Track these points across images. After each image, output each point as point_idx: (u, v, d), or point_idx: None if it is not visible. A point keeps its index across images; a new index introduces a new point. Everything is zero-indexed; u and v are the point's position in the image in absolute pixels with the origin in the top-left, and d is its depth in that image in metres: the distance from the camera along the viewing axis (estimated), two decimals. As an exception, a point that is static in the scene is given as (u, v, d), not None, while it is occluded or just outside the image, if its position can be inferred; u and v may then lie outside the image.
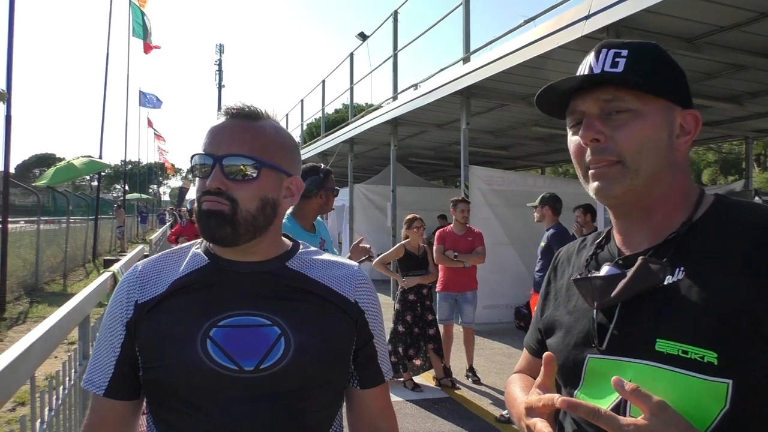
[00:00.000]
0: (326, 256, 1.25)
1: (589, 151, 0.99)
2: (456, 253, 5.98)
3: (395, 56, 10.39)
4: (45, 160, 61.25)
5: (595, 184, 0.99)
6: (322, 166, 3.25)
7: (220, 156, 1.09)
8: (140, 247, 7.25)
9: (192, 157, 1.13)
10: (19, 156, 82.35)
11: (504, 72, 6.34)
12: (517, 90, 7.44)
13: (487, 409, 5.15)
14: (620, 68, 0.98)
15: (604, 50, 1.01)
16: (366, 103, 22.64)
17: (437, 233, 6.26)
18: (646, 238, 1.01)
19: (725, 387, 0.82)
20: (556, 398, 0.87)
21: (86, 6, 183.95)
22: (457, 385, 5.78)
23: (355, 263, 1.28)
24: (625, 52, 0.99)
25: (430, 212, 11.30)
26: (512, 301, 8.44)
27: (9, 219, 9.39)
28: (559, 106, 1.07)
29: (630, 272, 0.96)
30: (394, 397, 5.39)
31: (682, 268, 0.93)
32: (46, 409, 1.91)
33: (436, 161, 14.44)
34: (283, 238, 1.24)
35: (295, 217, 3.12)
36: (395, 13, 10.23)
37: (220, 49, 58.20)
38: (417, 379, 5.83)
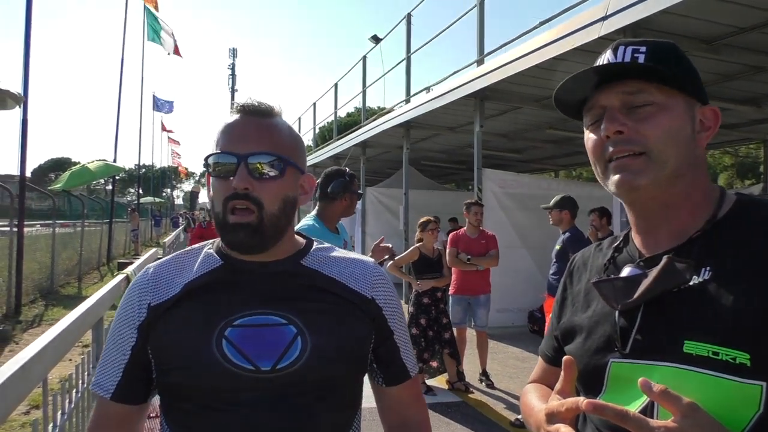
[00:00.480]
0: (341, 253, 1.23)
1: (609, 144, 0.97)
2: (469, 256, 5.93)
3: (408, 59, 10.37)
4: (61, 165, 61.90)
5: (617, 176, 0.96)
6: (347, 170, 3.27)
7: (245, 154, 1.05)
8: (154, 250, 7.29)
9: (208, 157, 1.09)
10: (35, 160, 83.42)
11: (518, 74, 6.30)
12: (531, 92, 7.39)
13: (501, 414, 5.10)
14: (641, 62, 0.96)
15: (622, 47, 0.99)
16: (378, 107, 22.68)
17: (450, 236, 6.22)
18: (667, 238, 0.98)
19: (759, 389, 0.79)
20: (581, 401, 0.83)
21: (102, 10, 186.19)
22: (471, 389, 5.73)
23: (370, 259, 1.25)
24: (643, 48, 0.97)
25: (443, 215, 11.26)
26: (525, 305, 8.37)
27: (25, 222, 9.47)
28: (575, 105, 1.05)
29: (654, 272, 0.93)
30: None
31: (708, 268, 0.90)
32: (59, 413, 1.90)
33: (448, 164, 14.39)
34: (296, 236, 1.22)
35: (322, 219, 3.16)
36: (408, 16, 10.22)
37: (233, 53, 58.58)
38: (430, 382, 5.79)
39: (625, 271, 0.98)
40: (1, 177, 11.42)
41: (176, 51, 21.34)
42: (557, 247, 5.19)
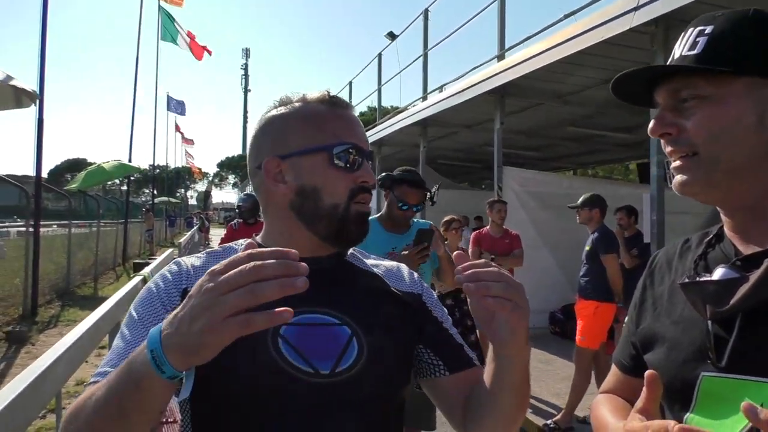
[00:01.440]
0: (375, 258, 1.19)
1: (665, 143, 0.91)
2: (493, 256, 5.77)
3: (425, 55, 10.23)
4: (76, 166, 62.51)
5: (677, 178, 0.90)
6: (414, 173, 3.15)
7: (369, 151, 1.07)
8: (170, 250, 7.21)
9: (337, 145, 1.03)
10: (51, 161, 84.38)
11: (541, 69, 6.11)
12: (554, 88, 7.21)
13: (528, 418, 4.93)
14: (698, 49, 0.86)
15: (690, 29, 0.90)
16: (391, 106, 22.47)
17: (473, 235, 6.06)
18: None
19: None
20: (672, 425, 0.70)
21: (118, 9, 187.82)
22: (495, 393, 5.56)
23: (402, 264, 1.22)
24: (709, 29, 0.87)
25: (459, 214, 11.10)
26: (546, 306, 8.18)
27: (41, 223, 9.44)
28: (646, 93, 0.96)
29: (754, 276, 0.79)
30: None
31: None
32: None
33: (464, 163, 14.22)
34: None
35: (379, 219, 3.09)
36: (426, 12, 10.07)
37: (246, 53, 58.85)
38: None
39: (718, 273, 0.85)
40: (19, 178, 11.40)
41: (198, 51, 21.12)
42: (587, 248, 5.01)
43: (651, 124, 0.91)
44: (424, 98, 10.16)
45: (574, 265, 5.54)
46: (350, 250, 1.15)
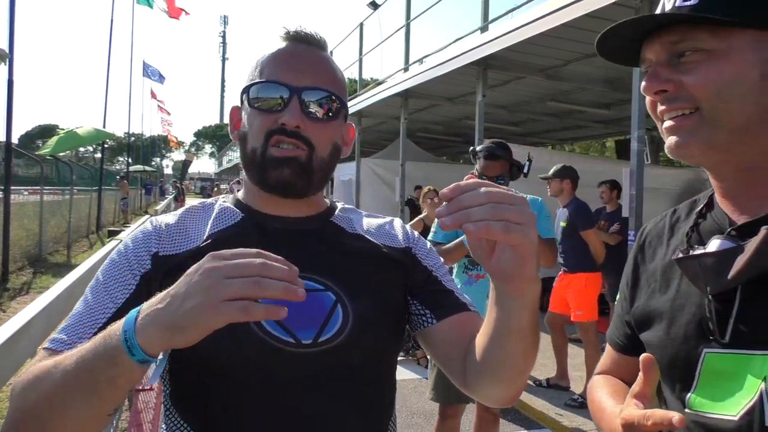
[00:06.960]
0: (365, 213, 1.12)
1: (659, 102, 0.84)
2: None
3: (408, 25, 10.09)
4: (48, 131, 60.77)
5: (671, 139, 0.83)
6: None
7: (300, 88, 0.92)
8: (145, 217, 7.09)
9: (249, 87, 0.94)
10: (22, 127, 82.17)
11: (524, 42, 6.07)
12: (537, 62, 7.17)
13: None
14: (689, 3, 0.79)
15: None
16: (371, 78, 22.20)
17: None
18: (763, 200, 0.82)
19: None
20: (675, 418, 0.67)
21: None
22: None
23: (395, 218, 1.14)
24: None
25: (439, 188, 11.08)
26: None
27: (12, 188, 9.21)
28: (630, 51, 0.89)
29: (752, 245, 0.76)
30: (408, 375, 5.27)
31: None
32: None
33: (444, 137, 14.18)
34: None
35: None
36: (409, -19, 9.90)
37: (225, 20, 57.53)
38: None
39: (714, 245, 0.82)
40: (-13, 142, 11.08)
41: (176, 11, 20.52)
42: (562, 224, 4.92)
43: (644, 81, 0.84)
44: (406, 69, 10.06)
45: (550, 238, 5.59)
46: (341, 207, 1.08)
